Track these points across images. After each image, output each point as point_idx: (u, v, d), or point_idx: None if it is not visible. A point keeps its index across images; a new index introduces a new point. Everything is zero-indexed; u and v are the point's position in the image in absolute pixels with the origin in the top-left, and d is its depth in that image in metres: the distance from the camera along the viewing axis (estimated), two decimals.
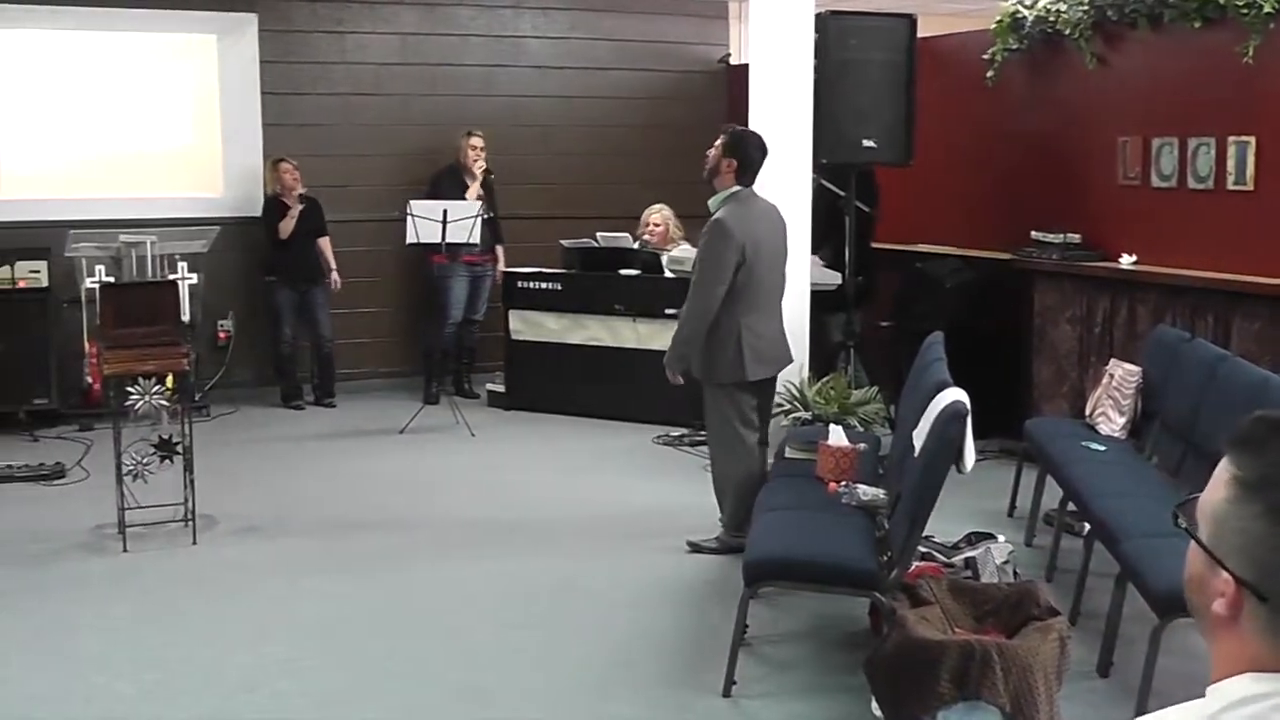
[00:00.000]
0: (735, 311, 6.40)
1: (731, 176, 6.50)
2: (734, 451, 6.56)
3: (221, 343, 10.55)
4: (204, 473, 7.08)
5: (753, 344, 6.44)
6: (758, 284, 6.44)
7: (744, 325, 6.41)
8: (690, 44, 11.89)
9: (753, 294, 6.42)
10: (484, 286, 10.58)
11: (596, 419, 9.61)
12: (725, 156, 6.51)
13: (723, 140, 6.59)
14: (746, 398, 6.53)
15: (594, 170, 11.46)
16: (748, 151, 6.52)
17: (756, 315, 6.45)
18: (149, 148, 10.45)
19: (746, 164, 6.50)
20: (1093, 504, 5.53)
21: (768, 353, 6.54)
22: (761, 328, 6.47)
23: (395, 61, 11.07)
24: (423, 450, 8.96)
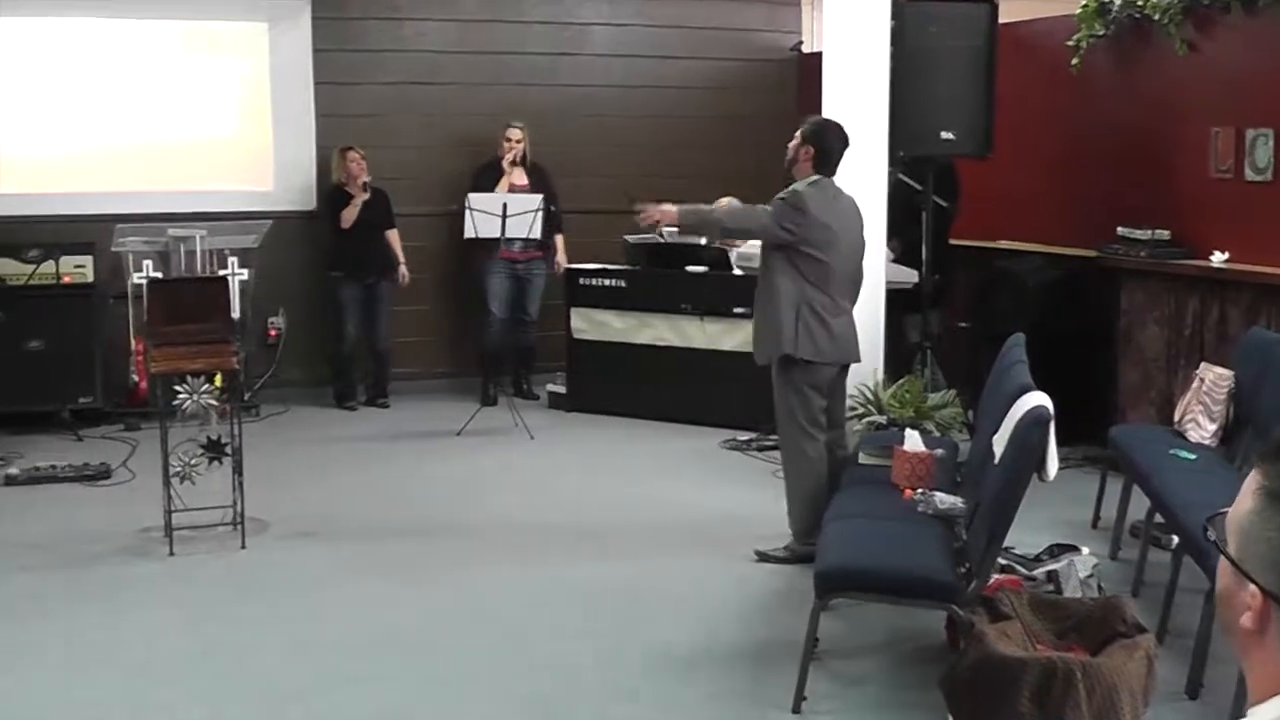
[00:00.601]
0: (803, 289, 6.42)
1: (810, 165, 6.52)
2: (801, 454, 6.55)
3: (272, 340, 10.64)
4: (253, 474, 7.12)
5: (816, 327, 6.43)
6: (830, 272, 6.45)
7: (810, 304, 6.42)
8: (760, 31, 11.87)
9: (824, 279, 6.43)
10: (532, 284, 10.58)
11: (661, 422, 9.60)
12: (804, 144, 6.55)
13: (802, 130, 6.63)
14: (815, 396, 6.52)
15: (659, 163, 11.44)
16: (827, 140, 6.55)
17: (825, 300, 6.45)
18: (198, 140, 10.54)
19: (825, 152, 6.53)
20: (1182, 515, 5.46)
21: (834, 341, 6.51)
22: (828, 313, 6.46)
23: (454, 49, 11.11)
24: (480, 453, 8.97)
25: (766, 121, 11.02)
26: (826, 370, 6.54)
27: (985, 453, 5.28)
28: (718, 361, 9.48)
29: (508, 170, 10.39)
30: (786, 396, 6.55)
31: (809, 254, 6.39)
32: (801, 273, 6.41)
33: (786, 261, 6.43)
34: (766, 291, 6.53)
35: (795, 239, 6.36)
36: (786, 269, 6.43)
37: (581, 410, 10.10)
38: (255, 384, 10.24)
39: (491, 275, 10.36)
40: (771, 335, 6.50)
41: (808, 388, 6.50)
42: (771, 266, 6.50)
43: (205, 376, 6.84)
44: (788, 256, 6.42)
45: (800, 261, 6.40)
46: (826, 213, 6.44)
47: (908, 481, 5.95)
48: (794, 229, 6.35)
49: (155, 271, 8.20)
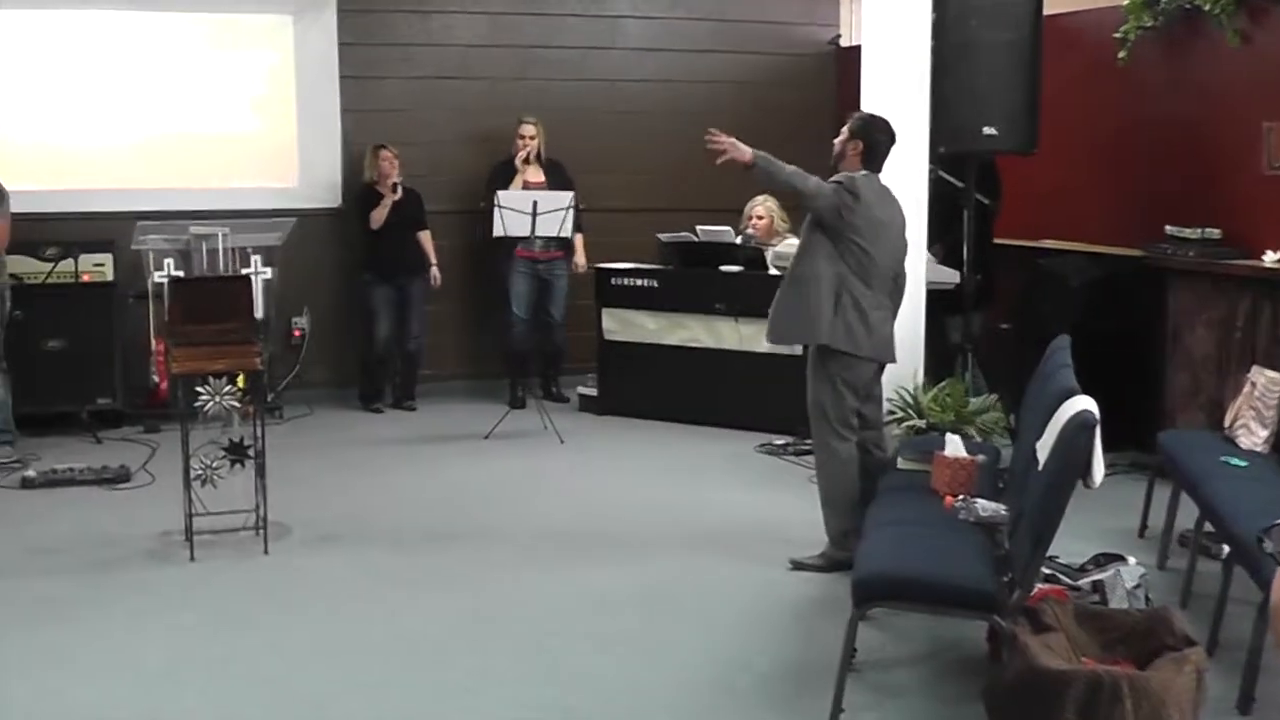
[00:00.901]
0: (845, 277, 6.43)
1: (858, 160, 6.56)
2: (832, 454, 6.54)
3: (296, 341, 10.67)
4: (276, 478, 7.12)
5: (855, 319, 6.42)
6: (874, 265, 6.46)
7: (851, 293, 6.41)
8: (798, 24, 11.85)
9: (867, 271, 6.44)
10: (555, 285, 10.59)
11: (695, 425, 9.60)
12: (851, 139, 6.59)
13: (850, 124, 6.67)
14: (849, 394, 6.49)
15: (694, 159, 11.30)
16: (876, 135, 6.59)
17: (866, 292, 6.45)
18: (220, 135, 10.57)
19: (873, 147, 6.56)
20: (1232, 524, 5.41)
21: (871, 336, 6.48)
22: (867, 306, 6.45)
23: (484, 43, 11.12)
24: (509, 457, 8.97)
25: (803, 118, 11.00)
26: (863, 367, 6.51)
27: (1028, 459, 5.25)
28: (753, 363, 9.45)
29: (521, 169, 10.40)
30: (819, 390, 6.54)
31: (855, 242, 6.39)
32: (845, 261, 6.41)
33: (831, 247, 6.42)
34: (804, 273, 6.50)
35: (844, 223, 6.36)
36: (830, 255, 6.43)
37: (612, 413, 10.11)
38: (279, 385, 10.27)
39: (512, 275, 10.38)
40: (804, 319, 6.48)
41: (842, 384, 6.48)
42: (813, 249, 6.48)
43: (227, 377, 6.83)
44: (832, 241, 6.42)
45: (845, 249, 6.40)
46: (876, 204, 6.47)
47: (948, 488, 5.91)
48: (846, 213, 6.36)
49: (176, 270, 8.21)
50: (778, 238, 9.79)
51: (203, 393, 6.75)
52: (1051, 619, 4.66)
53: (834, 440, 6.52)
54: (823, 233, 6.44)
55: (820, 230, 6.45)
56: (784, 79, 11.74)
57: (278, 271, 9.07)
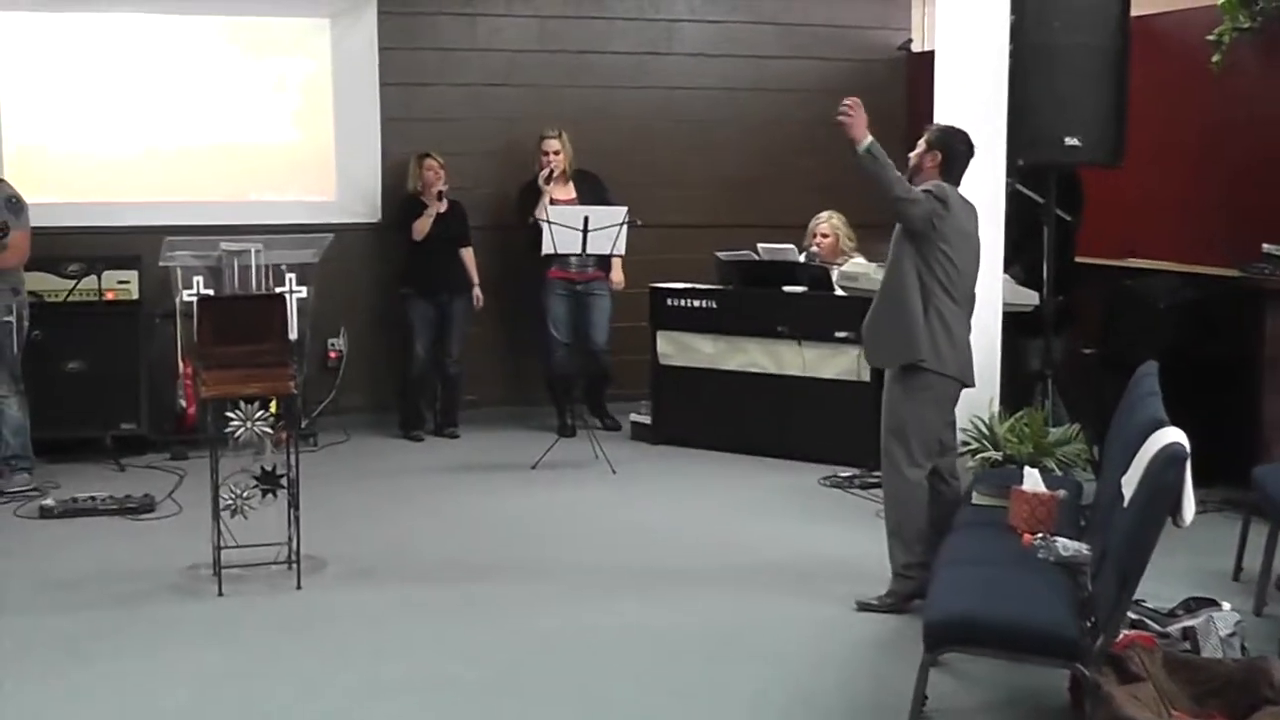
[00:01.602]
0: (933, 290, 6.41)
1: (935, 172, 6.56)
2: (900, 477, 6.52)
3: (332, 363, 10.71)
4: (310, 509, 7.13)
5: (942, 334, 6.42)
6: (959, 278, 6.46)
7: (938, 308, 6.41)
8: (866, 28, 11.84)
9: (953, 284, 6.44)
10: (595, 307, 10.59)
11: (755, 456, 9.58)
12: (930, 150, 6.61)
13: (927, 135, 6.70)
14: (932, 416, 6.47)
15: (755, 172, 11.43)
16: (954, 146, 6.61)
17: (953, 307, 6.45)
18: (253, 145, 10.66)
19: (952, 159, 6.57)
20: None
21: (956, 354, 6.47)
22: (952, 321, 6.44)
23: (531, 48, 11.16)
24: (557, 488, 8.97)
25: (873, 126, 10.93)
26: (947, 386, 6.49)
27: (1113, 494, 5.21)
28: (817, 390, 9.43)
29: (545, 189, 10.37)
30: (900, 410, 6.51)
31: (944, 252, 6.39)
32: (934, 272, 6.40)
33: (919, 256, 6.40)
34: (895, 287, 6.50)
35: (935, 232, 6.35)
36: (918, 266, 6.41)
37: (667, 442, 10.10)
38: (314, 411, 10.31)
39: (549, 297, 10.39)
40: (901, 337, 6.46)
41: (928, 404, 6.45)
42: (901, 261, 6.47)
43: (260, 402, 6.86)
44: (920, 251, 6.40)
45: (934, 259, 6.39)
46: (960, 212, 6.48)
47: (1026, 525, 5.88)
48: (938, 221, 6.36)
49: (206, 288, 8.24)
50: (843, 257, 9.76)
51: (233, 418, 6.77)
52: (1139, 668, 4.62)
53: (907, 466, 6.47)
54: (912, 244, 6.43)
55: (910, 241, 6.43)
56: (851, 86, 11.52)
57: (313, 290, 9.10)
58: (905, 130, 9.32)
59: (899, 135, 7.13)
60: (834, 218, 9.93)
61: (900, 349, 6.50)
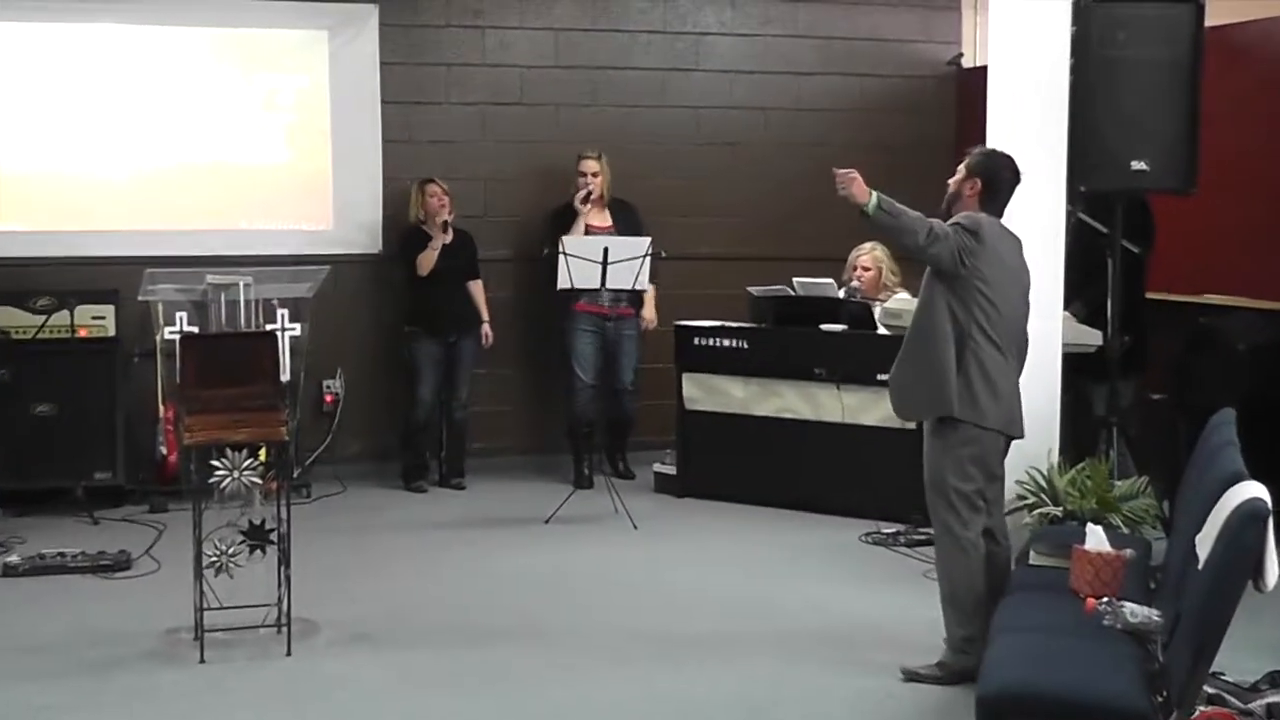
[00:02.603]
0: (969, 334, 6.31)
1: (975, 202, 6.47)
2: (953, 541, 6.44)
3: (328, 408, 10.72)
4: (303, 567, 7.11)
5: (980, 382, 6.32)
6: (1000, 319, 6.35)
7: (975, 354, 6.32)
8: (913, 42, 11.84)
9: (992, 326, 6.34)
10: (623, 346, 10.61)
11: (790, 510, 9.56)
12: (969, 177, 6.51)
13: (966, 161, 6.60)
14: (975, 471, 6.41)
15: (790, 200, 11.42)
16: (996, 171, 6.51)
17: (993, 353, 6.34)
18: (243, 169, 10.67)
19: (994, 187, 6.48)
20: None
21: (998, 404, 6.40)
22: (992, 368, 6.35)
23: (547, 64, 11.18)
24: (573, 544, 8.96)
25: (919, 149, 11.00)
26: (988, 440, 6.42)
27: (1186, 555, 5.17)
28: (858, 438, 9.41)
29: (582, 211, 10.42)
30: (940, 467, 6.45)
31: (980, 291, 6.29)
32: (971, 313, 6.31)
33: (952, 296, 6.31)
34: (925, 333, 6.42)
35: (967, 270, 6.27)
36: (952, 308, 6.32)
37: (694, 495, 10.07)
38: (307, 459, 10.31)
39: (575, 334, 10.37)
40: (930, 387, 6.39)
41: (968, 461, 6.40)
42: (933, 303, 6.39)
43: (248, 450, 6.85)
44: (953, 291, 6.31)
45: (969, 299, 6.30)
46: (1000, 246, 6.39)
47: (1090, 588, 5.84)
48: (968, 257, 6.27)
49: (190, 325, 8.23)
50: (886, 292, 9.74)
51: (219, 467, 6.75)
52: None
53: (959, 527, 6.42)
54: (943, 283, 6.36)
55: (940, 280, 6.37)
56: (896, 105, 11.72)
57: (307, 327, 9.09)
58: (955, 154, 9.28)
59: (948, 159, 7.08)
60: (877, 249, 9.91)
61: (930, 401, 6.42)
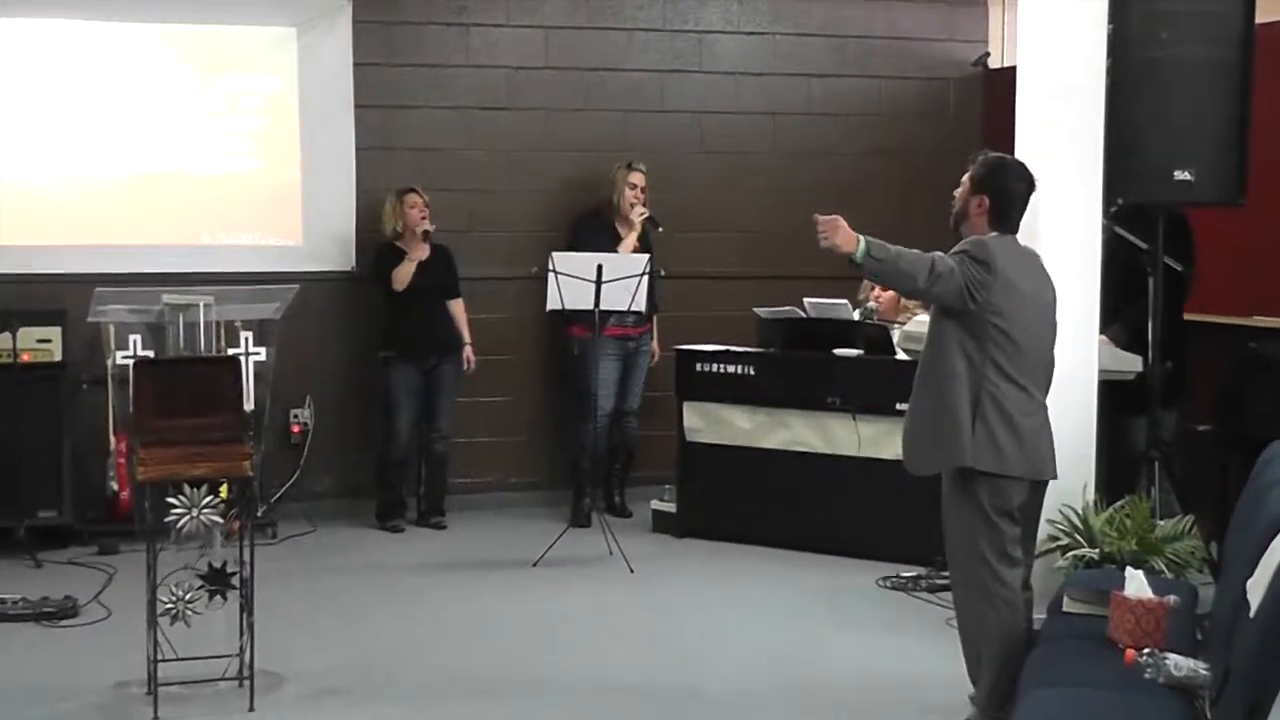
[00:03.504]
0: (984, 374, 6.21)
1: (984, 220, 6.33)
2: (986, 598, 6.38)
3: (296, 439, 10.70)
4: (267, 614, 7.12)
5: (1000, 427, 6.24)
6: (1018, 353, 6.26)
7: (993, 396, 6.22)
8: (935, 40, 11.85)
9: (1010, 361, 6.24)
10: (639, 367, 10.66)
11: (801, 551, 9.55)
12: (975, 193, 6.37)
13: (971, 171, 6.45)
14: (1004, 523, 6.36)
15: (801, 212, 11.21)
16: (1005, 184, 6.36)
17: (1013, 391, 6.26)
18: (204, 179, 10.64)
19: (1004, 202, 6.34)
20: None
21: (1022, 448, 6.34)
22: (1013, 408, 6.27)
23: (536, 65, 11.18)
24: (563, 589, 8.94)
25: (941, 158, 10.93)
26: (1015, 487, 6.36)
27: (1237, 602, 5.16)
28: (875, 474, 9.38)
29: (635, 222, 10.44)
30: (964, 522, 6.39)
31: (994, 325, 6.20)
32: (986, 351, 6.23)
33: (964, 334, 6.23)
34: (935, 375, 6.34)
35: (979, 305, 6.20)
36: (964, 346, 6.25)
37: (696, 535, 10.07)
38: (273, 496, 10.30)
39: (600, 358, 10.28)
40: (942, 436, 6.31)
41: (995, 513, 6.33)
42: (943, 342, 6.31)
43: (208, 486, 6.82)
44: (965, 328, 6.23)
45: (983, 336, 6.22)
46: (1015, 270, 6.27)
47: (1130, 638, 5.81)
48: (978, 291, 6.19)
49: (145, 349, 8.24)
50: (906, 314, 9.75)
51: (176, 505, 6.72)
52: None
53: (992, 581, 6.34)
54: (953, 319, 6.26)
55: (950, 317, 6.28)
56: (916, 109, 11.72)
57: (274, 352, 9.08)
58: None
59: None
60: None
61: (943, 452, 6.32)
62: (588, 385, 10.35)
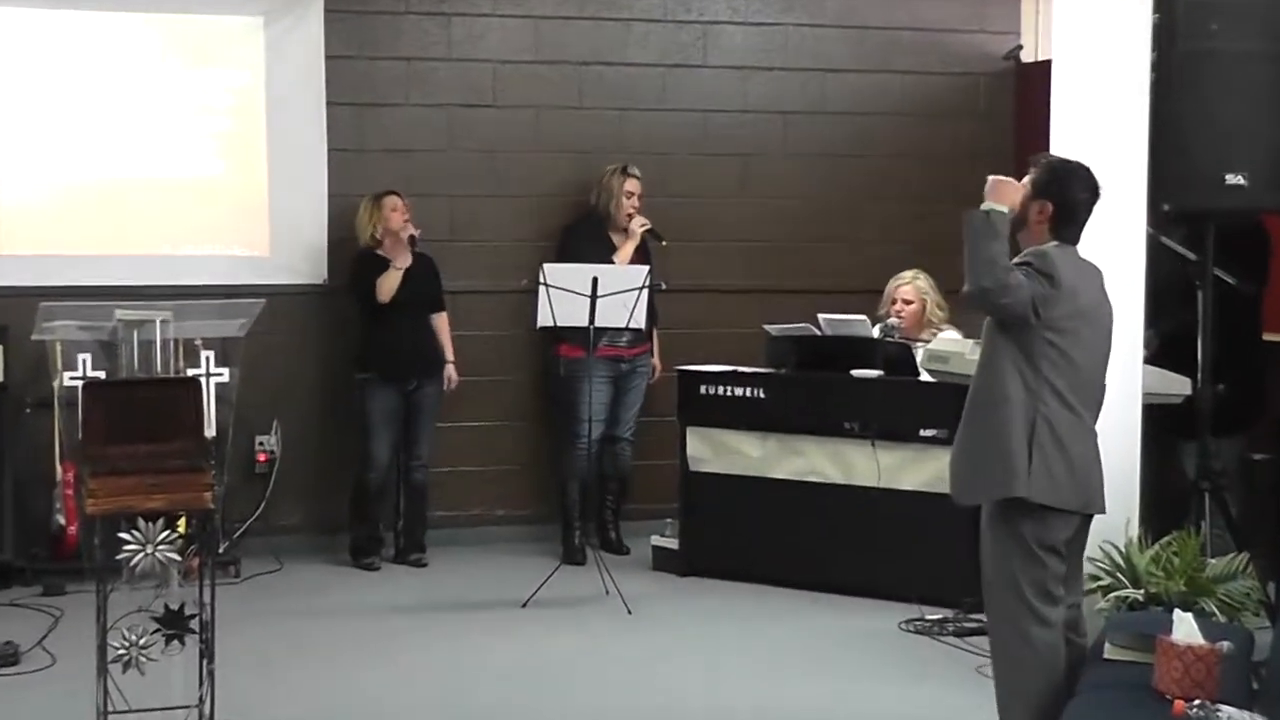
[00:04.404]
0: (1040, 397, 6.20)
1: (1045, 228, 6.35)
2: (1024, 642, 6.37)
3: (261, 468, 10.67)
4: (230, 661, 7.09)
5: (1054, 455, 6.23)
6: (1076, 375, 6.26)
7: (1049, 421, 6.21)
8: (962, 32, 11.83)
9: (1067, 384, 6.24)
10: (633, 390, 10.67)
11: (815, 592, 9.55)
12: (1035, 198, 6.37)
13: (1031, 176, 6.46)
14: (1050, 559, 6.33)
15: (816, 221, 11.41)
16: (1069, 189, 6.37)
17: (1068, 417, 6.25)
18: (162, 183, 10.62)
19: (1068, 208, 6.36)
20: None
21: (1074, 478, 6.32)
22: (1067, 436, 6.26)
23: (525, 59, 11.17)
24: (555, 633, 8.93)
25: (969, 161, 10.93)
26: (1063, 520, 6.34)
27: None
28: (897, 506, 9.38)
29: (635, 232, 10.46)
30: (1006, 557, 6.36)
31: (1052, 344, 6.18)
32: (1040, 371, 6.21)
33: (1018, 352, 6.22)
34: (987, 397, 6.33)
35: (1040, 321, 6.18)
36: (1020, 365, 6.23)
37: (700, 573, 10.06)
38: (236, 531, 10.27)
39: (590, 379, 10.25)
40: (994, 464, 6.28)
41: (1039, 547, 6.31)
42: (996, 361, 6.29)
43: (165, 520, 6.78)
44: (1020, 346, 6.22)
45: (1039, 354, 6.20)
46: (1078, 285, 6.27)
47: (1179, 688, 5.79)
48: (1043, 307, 6.17)
49: (95, 370, 8.22)
50: (931, 330, 9.74)
51: (129, 540, 6.68)
52: None
53: (1030, 623, 6.31)
54: (1007, 335, 6.24)
55: (1005, 333, 6.26)
56: (942, 107, 11.70)
57: (238, 372, 9.07)
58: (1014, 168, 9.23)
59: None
60: (919, 279, 9.90)
61: (995, 480, 6.31)
62: (574, 410, 10.37)
